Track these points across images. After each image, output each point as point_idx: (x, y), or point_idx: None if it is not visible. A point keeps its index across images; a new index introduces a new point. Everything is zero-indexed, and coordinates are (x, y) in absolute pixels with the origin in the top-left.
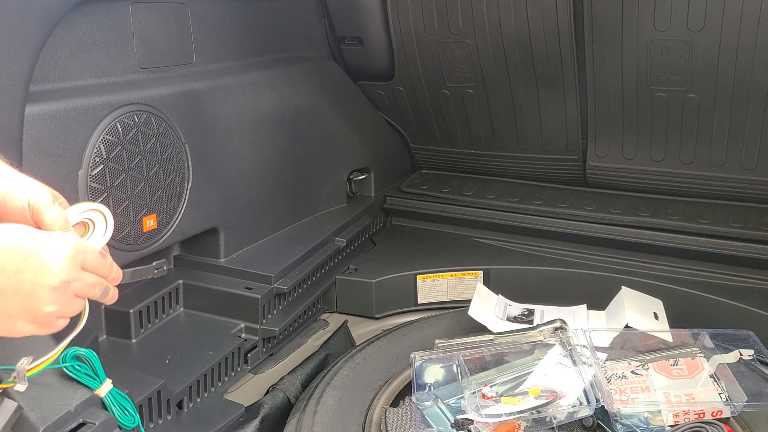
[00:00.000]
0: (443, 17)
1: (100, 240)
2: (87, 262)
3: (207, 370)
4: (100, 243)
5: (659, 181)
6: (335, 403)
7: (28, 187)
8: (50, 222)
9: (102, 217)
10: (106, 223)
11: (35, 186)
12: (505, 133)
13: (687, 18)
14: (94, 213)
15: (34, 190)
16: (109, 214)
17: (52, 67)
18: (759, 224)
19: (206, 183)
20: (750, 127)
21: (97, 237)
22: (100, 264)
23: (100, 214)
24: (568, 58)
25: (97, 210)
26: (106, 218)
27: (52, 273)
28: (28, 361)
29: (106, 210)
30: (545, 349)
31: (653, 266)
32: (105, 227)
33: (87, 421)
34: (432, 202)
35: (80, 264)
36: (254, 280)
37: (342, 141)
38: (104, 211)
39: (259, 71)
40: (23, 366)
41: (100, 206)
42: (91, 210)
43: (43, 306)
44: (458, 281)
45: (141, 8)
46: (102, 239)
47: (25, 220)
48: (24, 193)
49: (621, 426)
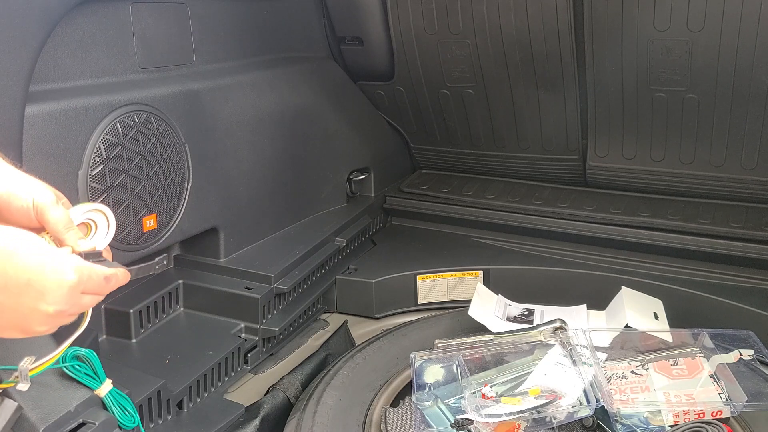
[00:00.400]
0: (443, 17)
1: (103, 240)
2: (88, 288)
3: (207, 370)
4: (102, 243)
5: (659, 181)
6: (335, 403)
7: (33, 188)
8: (54, 222)
9: (104, 217)
10: (108, 223)
11: (39, 186)
12: (505, 133)
13: (687, 18)
14: (96, 213)
15: (38, 190)
16: (110, 214)
17: (52, 67)
18: (759, 224)
19: (206, 183)
20: (750, 127)
21: (100, 237)
22: (101, 288)
23: (102, 215)
24: (568, 58)
25: (99, 210)
26: (108, 218)
27: (52, 302)
28: (31, 360)
29: (107, 210)
30: (545, 349)
31: (653, 266)
32: (107, 227)
33: (87, 421)
34: (432, 202)
35: (81, 291)
36: (254, 280)
37: (342, 141)
38: (106, 211)
39: (259, 71)
40: (26, 365)
41: (101, 206)
42: (93, 210)
43: (36, 326)
44: (458, 281)
45: (141, 8)
46: (104, 239)
47: (29, 220)
48: (28, 193)
49: (621, 426)
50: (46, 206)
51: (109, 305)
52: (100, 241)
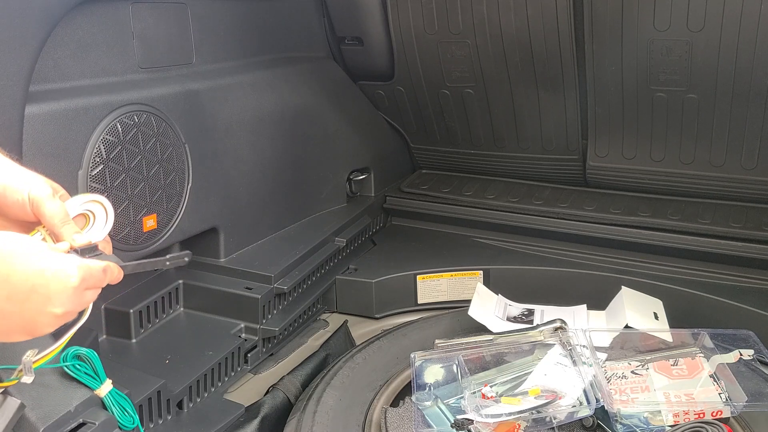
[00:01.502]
0: (443, 17)
1: (100, 232)
2: (91, 285)
3: (207, 370)
4: (100, 235)
5: (659, 181)
6: (335, 403)
7: (29, 181)
8: (50, 215)
9: (102, 208)
10: (106, 214)
11: (35, 179)
12: (505, 133)
13: (687, 18)
14: (94, 204)
15: (34, 183)
16: (109, 205)
17: (52, 67)
18: (759, 224)
19: (206, 183)
20: (750, 127)
21: (98, 229)
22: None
23: (100, 206)
24: (568, 58)
25: (97, 201)
26: (106, 209)
27: (57, 305)
28: (34, 353)
29: (105, 201)
30: (545, 349)
31: (653, 266)
32: (105, 218)
33: (87, 421)
34: (432, 202)
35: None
36: (254, 280)
37: (342, 141)
38: (104, 202)
39: (259, 71)
40: (29, 358)
41: (99, 197)
42: (91, 201)
43: (43, 329)
44: (458, 281)
45: (141, 8)
46: (102, 231)
47: (25, 213)
48: (24, 186)
49: (621, 426)
50: (41, 199)
51: (109, 305)
52: (98, 233)
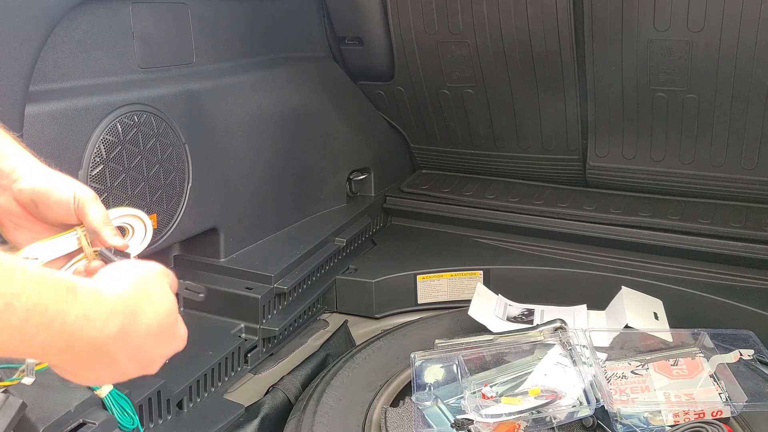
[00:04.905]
0: (443, 17)
1: (138, 246)
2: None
3: (207, 370)
4: (137, 249)
5: (659, 181)
6: (335, 403)
7: (72, 183)
8: (93, 217)
9: (141, 223)
10: (145, 229)
11: (78, 182)
12: (505, 133)
13: (687, 18)
14: (133, 219)
15: (78, 185)
16: (148, 220)
17: (52, 67)
18: (759, 224)
19: (206, 183)
20: (750, 127)
21: (135, 243)
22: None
23: (139, 221)
24: (568, 58)
25: (136, 216)
26: (145, 225)
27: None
28: None
29: (144, 216)
30: (545, 349)
31: (653, 266)
32: (144, 234)
33: (87, 421)
34: (432, 202)
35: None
36: (254, 280)
37: (342, 141)
38: (143, 217)
39: (259, 71)
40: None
41: (138, 212)
42: (130, 216)
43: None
44: (458, 281)
45: (141, 8)
46: (140, 245)
47: (67, 214)
48: (69, 187)
49: (621, 426)
50: (87, 201)
51: None
52: (135, 247)
